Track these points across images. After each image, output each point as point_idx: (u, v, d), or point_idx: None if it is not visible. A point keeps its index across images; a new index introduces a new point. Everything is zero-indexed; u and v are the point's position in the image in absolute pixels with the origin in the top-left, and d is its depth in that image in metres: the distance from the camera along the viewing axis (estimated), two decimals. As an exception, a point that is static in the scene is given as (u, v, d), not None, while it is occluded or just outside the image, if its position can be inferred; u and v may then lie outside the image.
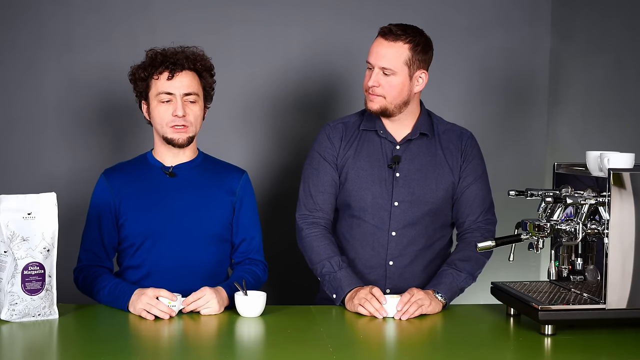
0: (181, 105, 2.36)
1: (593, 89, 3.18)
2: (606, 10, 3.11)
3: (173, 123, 2.37)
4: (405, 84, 2.39)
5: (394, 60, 2.36)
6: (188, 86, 2.39)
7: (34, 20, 3.14)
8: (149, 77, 2.39)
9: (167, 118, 2.37)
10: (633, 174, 2.02)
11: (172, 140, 2.39)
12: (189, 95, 2.39)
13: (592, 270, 2.13)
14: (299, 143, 3.29)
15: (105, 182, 2.42)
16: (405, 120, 2.47)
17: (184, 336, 2.06)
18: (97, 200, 2.42)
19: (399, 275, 2.46)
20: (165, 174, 2.43)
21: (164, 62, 2.38)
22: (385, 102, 2.39)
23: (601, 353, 1.97)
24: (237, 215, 2.47)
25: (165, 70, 2.38)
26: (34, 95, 3.16)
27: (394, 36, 2.36)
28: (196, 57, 2.42)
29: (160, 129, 2.40)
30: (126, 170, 2.46)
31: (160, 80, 2.38)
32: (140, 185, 2.41)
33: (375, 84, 2.38)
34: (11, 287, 2.09)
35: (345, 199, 2.48)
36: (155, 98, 2.39)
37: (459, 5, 3.37)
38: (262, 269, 2.49)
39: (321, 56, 3.29)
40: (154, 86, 2.39)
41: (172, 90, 2.37)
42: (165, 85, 2.37)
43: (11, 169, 3.16)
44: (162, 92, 2.37)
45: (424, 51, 2.39)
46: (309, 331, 2.10)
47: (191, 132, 2.40)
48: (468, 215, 2.47)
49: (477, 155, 2.51)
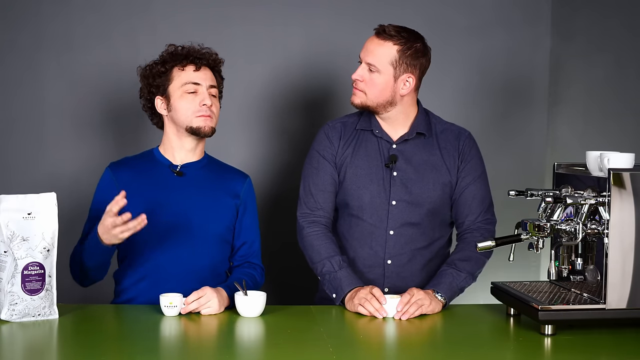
0: (208, 95, 2.41)
1: (593, 89, 3.18)
2: (606, 10, 3.11)
3: (200, 112, 2.39)
4: (389, 85, 2.39)
5: (379, 58, 2.38)
6: (212, 79, 2.45)
7: (34, 20, 3.14)
8: (169, 70, 2.42)
9: (194, 107, 2.40)
10: (633, 174, 2.02)
11: (198, 128, 2.40)
12: (213, 89, 2.44)
13: (592, 270, 2.13)
14: (299, 143, 3.29)
15: (112, 176, 2.42)
16: (400, 120, 2.47)
17: (184, 336, 2.06)
18: (102, 193, 2.42)
19: (397, 274, 2.47)
20: (173, 173, 2.43)
21: (188, 56, 2.43)
22: (365, 98, 2.42)
23: (601, 353, 1.97)
24: (240, 218, 2.48)
25: (189, 64, 2.42)
26: (34, 95, 3.16)
27: (386, 36, 2.38)
28: (215, 57, 2.48)
29: (185, 120, 2.41)
30: (132, 165, 2.46)
31: (186, 72, 2.42)
32: (147, 182, 2.41)
33: (359, 78, 2.41)
34: (11, 287, 2.09)
35: (344, 198, 2.48)
36: (180, 89, 2.41)
37: (459, 5, 3.36)
38: (260, 273, 2.50)
39: (321, 56, 3.29)
40: (178, 78, 2.42)
41: (199, 80, 2.41)
42: (192, 76, 2.41)
43: (11, 169, 3.16)
44: (189, 82, 2.40)
45: (413, 56, 2.39)
46: (309, 331, 2.10)
47: (214, 123, 2.43)
48: (467, 216, 2.47)
49: (475, 155, 2.51)
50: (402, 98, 2.43)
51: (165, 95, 2.43)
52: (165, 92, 2.43)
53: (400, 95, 2.42)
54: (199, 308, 2.22)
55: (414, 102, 2.49)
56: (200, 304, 2.21)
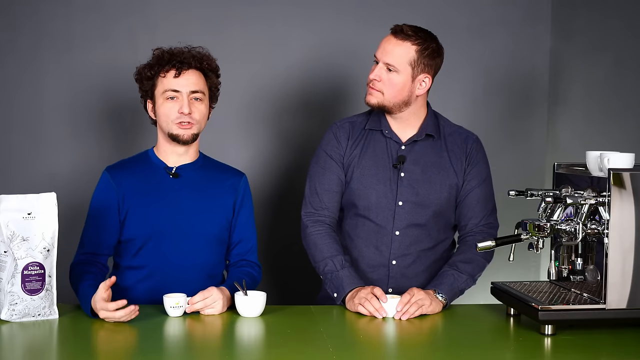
0: (187, 102, 2.37)
1: (593, 89, 3.18)
2: (606, 10, 3.11)
3: (179, 120, 2.37)
4: (407, 84, 2.39)
5: (398, 59, 2.37)
6: (195, 84, 2.40)
7: (34, 20, 3.14)
8: (155, 75, 2.40)
9: (172, 115, 2.37)
10: (633, 174, 2.02)
11: (177, 136, 2.39)
12: (195, 93, 2.39)
13: (592, 270, 2.13)
14: (300, 143, 3.29)
15: (110, 179, 2.41)
16: (410, 121, 2.47)
17: (184, 336, 2.06)
18: (100, 197, 2.41)
19: (402, 274, 2.47)
20: (168, 175, 2.43)
21: (170, 61, 2.39)
22: (382, 98, 2.40)
23: (601, 353, 1.97)
24: (236, 216, 2.47)
25: (172, 68, 2.39)
26: (34, 95, 3.16)
27: (404, 35, 2.37)
28: (202, 56, 2.43)
29: (165, 126, 2.40)
30: (129, 167, 2.45)
31: (167, 78, 2.38)
32: (145, 184, 2.41)
33: (376, 78, 2.40)
34: (11, 287, 2.09)
35: (351, 198, 2.48)
36: (161, 95, 2.39)
37: (459, 5, 3.36)
38: (257, 271, 2.50)
39: (322, 56, 3.29)
40: (160, 84, 2.39)
41: (179, 87, 2.38)
42: (172, 83, 2.38)
43: (11, 169, 3.16)
44: (168, 90, 2.38)
45: (430, 56, 2.39)
46: (309, 331, 2.10)
47: (196, 129, 2.40)
48: (471, 219, 2.48)
49: (482, 159, 2.51)
50: (417, 98, 2.44)
51: (153, 99, 2.43)
52: (153, 96, 2.43)
53: (416, 95, 2.42)
54: (205, 309, 2.22)
55: (424, 103, 2.49)
56: (206, 305, 2.22)
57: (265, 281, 3.29)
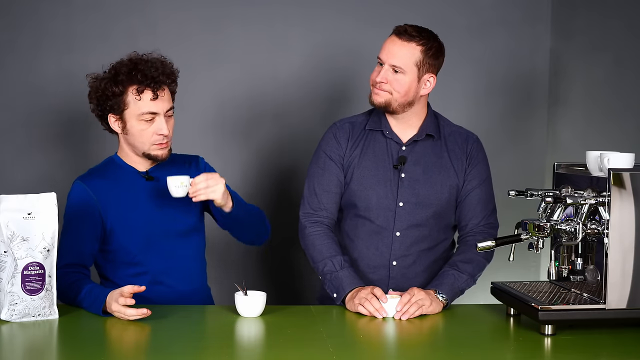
0: (165, 123, 2.34)
1: (593, 89, 3.18)
2: (606, 10, 3.11)
3: (158, 141, 2.35)
4: (413, 85, 2.39)
5: (405, 60, 2.37)
6: (168, 101, 2.36)
7: (34, 20, 3.14)
8: (124, 92, 2.32)
9: (150, 137, 2.34)
10: (633, 174, 2.01)
11: (155, 157, 2.37)
12: (169, 111, 2.37)
13: (592, 270, 2.13)
14: (300, 144, 3.29)
15: (86, 188, 2.35)
16: (411, 121, 2.47)
17: (183, 336, 2.06)
18: (78, 206, 2.34)
19: (402, 275, 2.46)
20: (142, 178, 2.41)
21: (144, 81, 2.30)
22: (390, 98, 2.40)
23: (601, 353, 1.97)
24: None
25: (147, 90, 2.31)
26: (34, 95, 3.16)
27: (408, 36, 2.37)
28: (169, 70, 2.37)
29: (141, 147, 2.36)
30: (101, 174, 2.40)
31: (143, 101, 2.31)
32: (121, 190, 2.38)
33: (383, 80, 2.39)
34: (11, 287, 2.09)
35: (351, 198, 2.48)
36: (135, 117, 2.32)
37: (459, 5, 3.37)
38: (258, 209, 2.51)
39: (322, 56, 3.29)
40: (135, 105, 2.31)
41: (157, 109, 2.33)
42: (150, 106, 2.32)
43: (11, 169, 3.16)
44: (146, 112, 2.32)
45: (435, 56, 2.40)
46: (309, 331, 2.10)
47: (170, 144, 2.39)
48: (471, 219, 2.47)
49: (482, 160, 2.51)
50: (420, 98, 2.44)
51: (121, 117, 2.36)
52: (121, 114, 2.34)
53: (420, 95, 2.43)
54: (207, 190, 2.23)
55: (425, 103, 2.49)
56: (208, 185, 2.23)
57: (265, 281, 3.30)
